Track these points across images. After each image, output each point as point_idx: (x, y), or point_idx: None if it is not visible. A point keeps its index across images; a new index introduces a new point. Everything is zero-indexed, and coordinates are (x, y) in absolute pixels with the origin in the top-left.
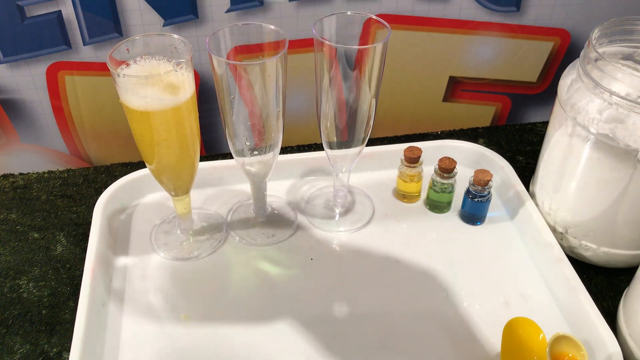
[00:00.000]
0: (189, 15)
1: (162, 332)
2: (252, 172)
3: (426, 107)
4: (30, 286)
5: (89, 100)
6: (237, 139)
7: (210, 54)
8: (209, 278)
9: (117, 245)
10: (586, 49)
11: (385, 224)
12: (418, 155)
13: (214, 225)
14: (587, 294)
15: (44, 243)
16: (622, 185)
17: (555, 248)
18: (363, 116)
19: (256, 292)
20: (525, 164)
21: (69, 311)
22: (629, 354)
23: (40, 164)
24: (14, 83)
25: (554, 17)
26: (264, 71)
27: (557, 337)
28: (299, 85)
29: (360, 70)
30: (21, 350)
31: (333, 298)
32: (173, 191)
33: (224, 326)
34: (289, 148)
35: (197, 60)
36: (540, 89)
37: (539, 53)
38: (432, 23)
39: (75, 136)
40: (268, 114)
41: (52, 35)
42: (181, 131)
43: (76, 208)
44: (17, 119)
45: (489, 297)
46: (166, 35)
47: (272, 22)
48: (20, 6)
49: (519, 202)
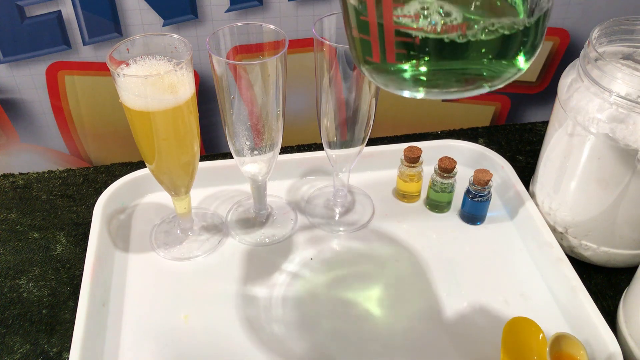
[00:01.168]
0: (188, 15)
1: (162, 332)
2: (252, 172)
3: (426, 107)
4: (30, 286)
5: (89, 100)
6: (237, 138)
7: (210, 53)
8: (209, 278)
9: (117, 246)
10: (586, 48)
11: (385, 224)
12: (418, 155)
13: (213, 225)
14: (587, 294)
15: (44, 243)
16: (622, 185)
17: (555, 248)
18: (363, 116)
19: (256, 292)
20: (525, 164)
21: (69, 311)
22: (629, 353)
23: (40, 164)
24: (14, 83)
25: (553, 17)
26: (264, 71)
27: (557, 337)
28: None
29: None
30: (21, 350)
31: (333, 298)
32: (173, 191)
33: (224, 326)
34: (289, 148)
35: (197, 60)
36: (539, 89)
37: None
38: None
39: (75, 136)
40: (268, 113)
41: (52, 35)
42: (181, 131)
43: (76, 208)
44: (17, 119)
45: (489, 297)
46: (166, 35)
47: (272, 22)
48: (20, 6)
49: (519, 202)
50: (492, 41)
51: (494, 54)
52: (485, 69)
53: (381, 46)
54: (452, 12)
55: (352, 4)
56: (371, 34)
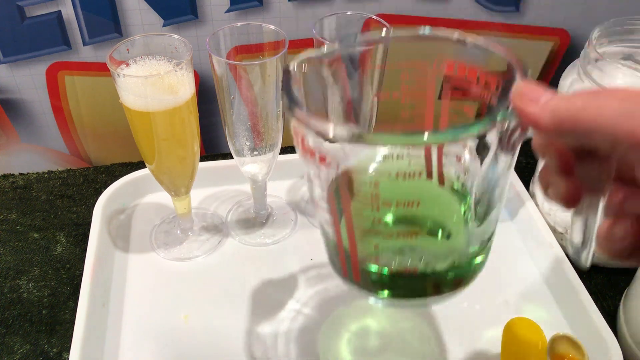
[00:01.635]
0: (188, 15)
1: (162, 332)
2: (252, 172)
3: None
4: (30, 286)
5: (89, 100)
6: (237, 139)
7: (210, 54)
8: (209, 278)
9: (117, 246)
10: (586, 49)
11: None
12: None
13: (213, 225)
14: (587, 294)
15: (44, 243)
16: None
17: (555, 248)
18: (364, 116)
19: (256, 292)
20: (525, 164)
21: (69, 311)
22: (629, 353)
23: (40, 164)
24: (14, 83)
25: (554, 17)
26: (264, 71)
27: (557, 337)
28: None
29: (360, 70)
30: (21, 350)
31: (333, 298)
32: (173, 191)
33: (224, 326)
34: (289, 148)
35: (197, 60)
36: None
37: (538, 53)
38: (432, 23)
39: (75, 136)
40: (268, 114)
41: (52, 35)
42: (181, 131)
43: (76, 208)
44: (17, 119)
45: (489, 297)
46: (166, 35)
47: (272, 22)
48: (20, 6)
49: (519, 202)
50: (447, 269)
51: (452, 276)
52: (447, 283)
53: (349, 268)
54: (406, 252)
55: (325, 231)
56: (340, 259)
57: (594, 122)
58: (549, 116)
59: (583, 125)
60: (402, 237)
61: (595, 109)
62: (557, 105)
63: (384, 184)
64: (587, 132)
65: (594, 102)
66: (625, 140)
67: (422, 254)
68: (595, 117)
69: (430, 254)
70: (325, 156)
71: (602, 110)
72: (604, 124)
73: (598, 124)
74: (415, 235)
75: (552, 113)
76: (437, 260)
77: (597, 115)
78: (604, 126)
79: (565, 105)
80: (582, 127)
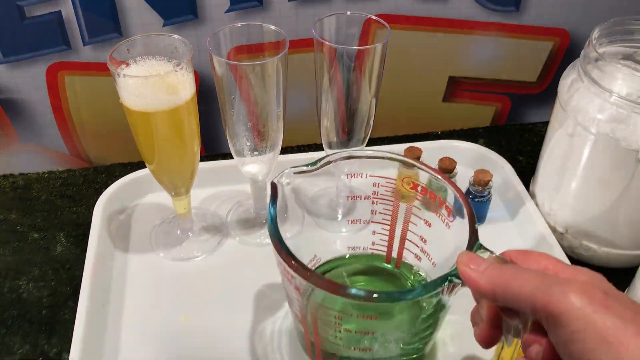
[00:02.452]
0: (188, 15)
1: (162, 332)
2: (252, 172)
3: (426, 107)
4: (30, 286)
5: (89, 100)
6: (238, 139)
7: (210, 54)
8: (209, 278)
9: (117, 246)
10: (586, 49)
11: None
12: (418, 155)
13: (214, 225)
14: None
15: (44, 243)
16: (622, 185)
17: (555, 248)
18: (363, 116)
19: (256, 292)
20: (525, 164)
21: (69, 311)
22: None
23: (40, 164)
24: (14, 83)
25: (554, 17)
26: (265, 71)
27: None
28: (299, 85)
29: (360, 70)
30: (21, 350)
31: None
32: (173, 191)
33: (224, 326)
34: (289, 148)
35: (197, 60)
36: (539, 89)
37: (538, 53)
38: (431, 23)
39: (75, 136)
40: (268, 114)
41: (52, 35)
42: (181, 131)
43: (76, 208)
44: (17, 119)
45: None
46: (166, 36)
47: (272, 22)
48: (20, 6)
49: (519, 202)
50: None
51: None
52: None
53: (313, 353)
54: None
55: (295, 322)
56: (306, 345)
57: (518, 291)
58: (486, 281)
59: (511, 292)
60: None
61: (521, 280)
62: (492, 273)
63: (346, 318)
64: (514, 298)
65: (520, 274)
66: (541, 310)
67: (377, 353)
68: (520, 288)
69: (385, 353)
70: (299, 288)
71: (526, 282)
72: (526, 294)
73: (522, 293)
74: (372, 341)
75: (488, 278)
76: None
77: (521, 286)
78: (526, 295)
79: (498, 274)
80: (510, 294)
